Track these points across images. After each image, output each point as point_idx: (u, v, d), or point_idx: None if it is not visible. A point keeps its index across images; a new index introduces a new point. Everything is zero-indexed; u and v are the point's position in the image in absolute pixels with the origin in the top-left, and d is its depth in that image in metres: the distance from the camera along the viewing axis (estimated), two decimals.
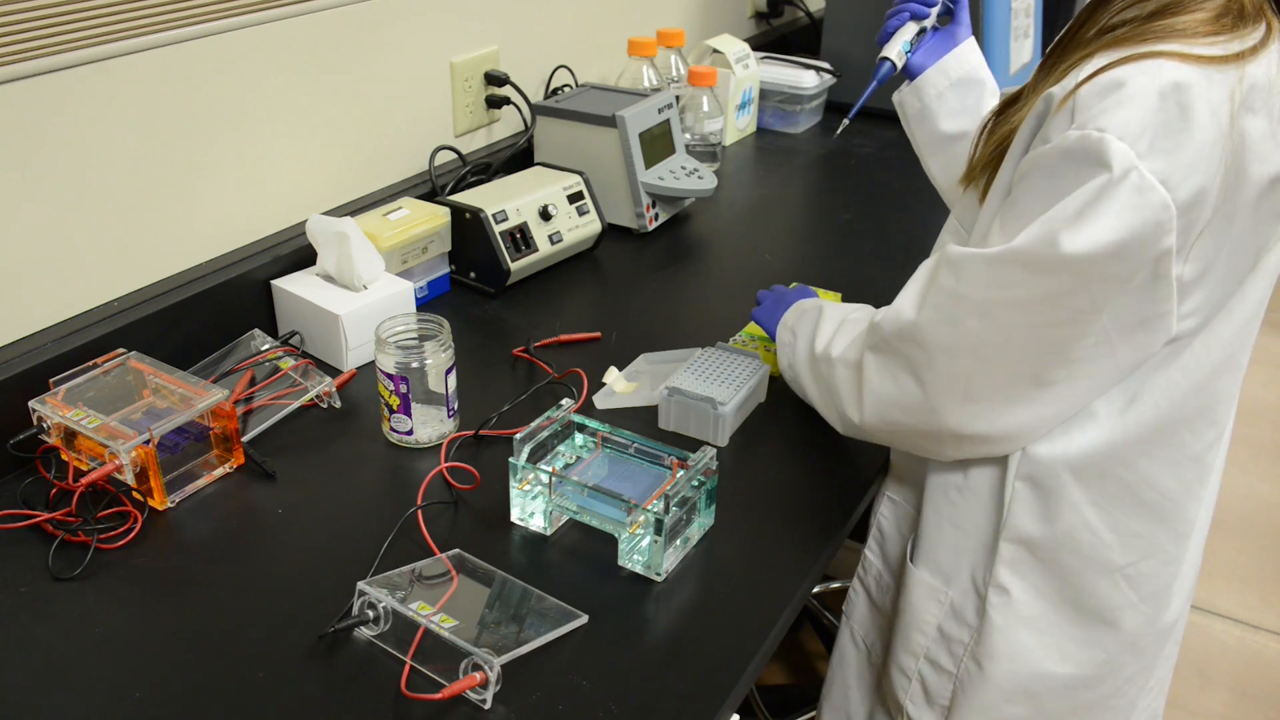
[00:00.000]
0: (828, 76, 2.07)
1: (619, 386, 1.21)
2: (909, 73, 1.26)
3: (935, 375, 0.89)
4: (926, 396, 0.90)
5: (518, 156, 1.66)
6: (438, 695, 0.80)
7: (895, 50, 1.24)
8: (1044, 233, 0.79)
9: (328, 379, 1.19)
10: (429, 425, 1.12)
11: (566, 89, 1.78)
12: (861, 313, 1.05)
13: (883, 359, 0.93)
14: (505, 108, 1.66)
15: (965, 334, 0.85)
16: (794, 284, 1.38)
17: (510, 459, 0.98)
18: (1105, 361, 0.85)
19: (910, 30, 1.24)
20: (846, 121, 1.31)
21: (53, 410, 1.03)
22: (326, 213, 1.37)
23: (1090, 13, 0.88)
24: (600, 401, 1.19)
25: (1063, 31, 0.91)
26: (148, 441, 0.99)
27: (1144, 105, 0.77)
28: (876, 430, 0.98)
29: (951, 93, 1.24)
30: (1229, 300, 0.88)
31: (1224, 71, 0.79)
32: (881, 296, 1.07)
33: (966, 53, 1.25)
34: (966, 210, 0.99)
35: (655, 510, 0.92)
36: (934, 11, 1.24)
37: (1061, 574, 0.96)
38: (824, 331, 1.05)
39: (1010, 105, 0.94)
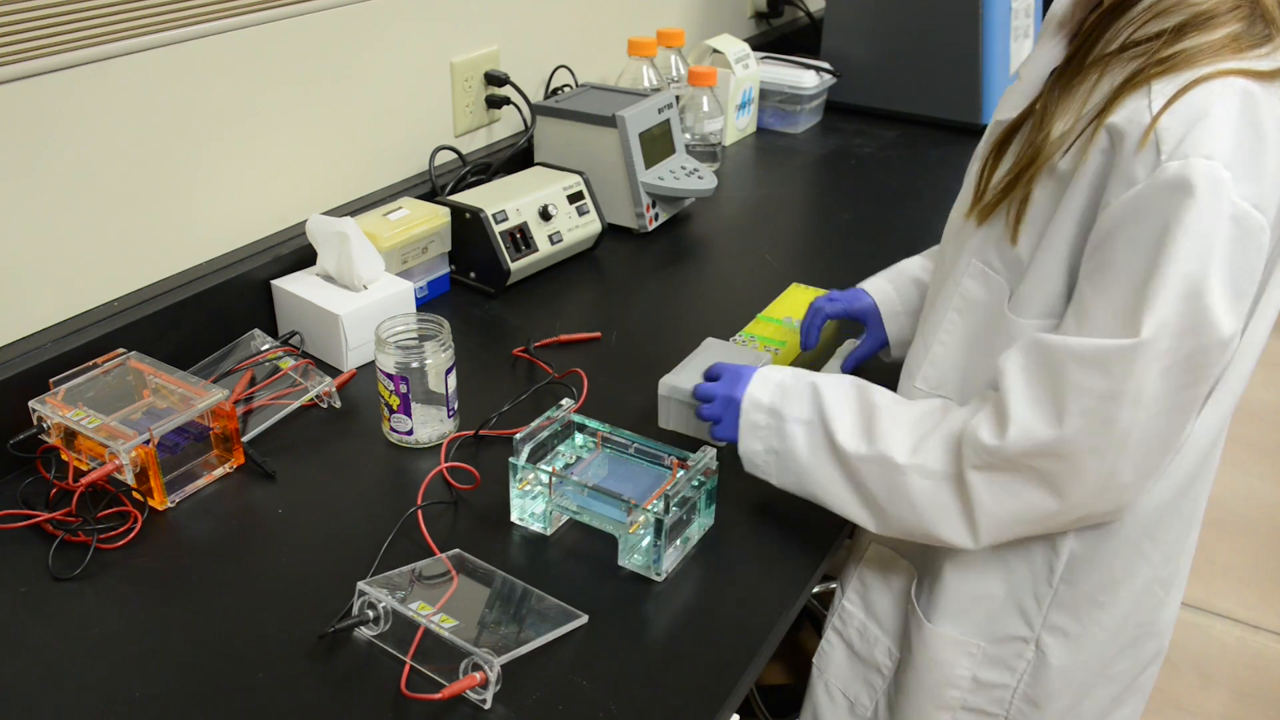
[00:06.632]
0: (828, 76, 2.07)
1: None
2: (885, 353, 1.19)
3: (1079, 482, 0.82)
4: (1063, 505, 0.83)
5: (518, 156, 1.66)
6: (438, 695, 0.80)
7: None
8: (1184, 290, 0.75)
9: (328, 379, 1.19)
10: (429, 425, 1.12)
11: (566, 89, 1.78)
12: (886, 398, 0.94)
13: (1001, 478, 0.84)
14: (505, 108, 1.66)
15: (1117, 428, 0.79)
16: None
17: (510, 459, 0.98)
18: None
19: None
20: None
21: (53, 410, 1.03)
22: (326, 213, 1.37)
23: (1101, 29, 0.84)
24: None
25: (1071, 49, 0.86)
26: (148, 441, 0.99)
27: (1230, 129, 0.75)
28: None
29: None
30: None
31: (1277, 83, 0.78)
32: None
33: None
34: (988, 247, 0.92)
35: (655, 510, 0.92)
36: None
37: (1114, 600, 0.95)
38: (841, 419, 0.93)
39: (1015, 130, 0.89)
